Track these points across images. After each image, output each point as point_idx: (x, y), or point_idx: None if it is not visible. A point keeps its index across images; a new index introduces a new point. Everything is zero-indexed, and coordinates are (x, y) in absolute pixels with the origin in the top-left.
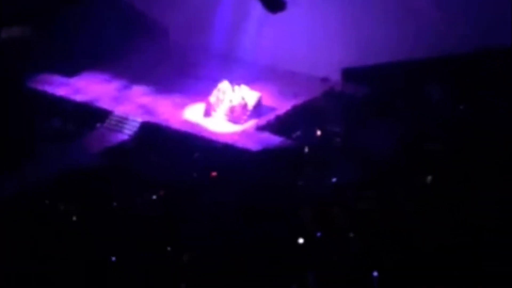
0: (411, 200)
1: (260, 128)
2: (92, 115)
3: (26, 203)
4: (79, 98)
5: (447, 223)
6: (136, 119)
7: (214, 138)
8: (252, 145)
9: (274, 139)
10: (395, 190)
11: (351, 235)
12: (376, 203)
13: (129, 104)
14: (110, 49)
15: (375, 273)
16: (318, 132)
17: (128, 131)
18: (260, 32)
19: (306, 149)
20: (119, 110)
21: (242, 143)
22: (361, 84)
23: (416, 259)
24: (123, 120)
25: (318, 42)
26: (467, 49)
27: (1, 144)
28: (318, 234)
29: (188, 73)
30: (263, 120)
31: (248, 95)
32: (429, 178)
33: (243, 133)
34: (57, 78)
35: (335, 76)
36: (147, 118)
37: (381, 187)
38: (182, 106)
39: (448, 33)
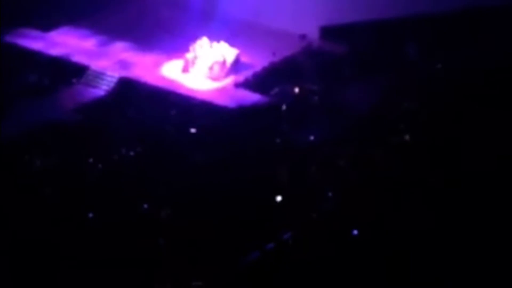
0: (388, 158)
1: (238, 85)
2: (68, 70)
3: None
4: (55, 52)
5: (422, 181)
6: (113, 75)
7: (191, 94)
8: (230, 102)
9: (251, 96)
10: (372, 148)
11: (329, 193)
12: (353, 160)
13: (106, 59)
14: (88, 4)
15: (355, 232)
16: (296, 89)
17: (105, 87)
18: None
19: (284, 107)
20: (95, 65)
21: (220, 100)
22: (339, 42)
23: (393, 217)
24: (99, 75)
25: None
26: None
27: None
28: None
29: (166, 29)
30: (241, 77)
31: (226, 51)
32: (407, 136)
33: (221, 90)
34: (33, 32)
35: (313, 33)
36: (124, 73)
37: (358, 144)
38: (160, 62)
39: None
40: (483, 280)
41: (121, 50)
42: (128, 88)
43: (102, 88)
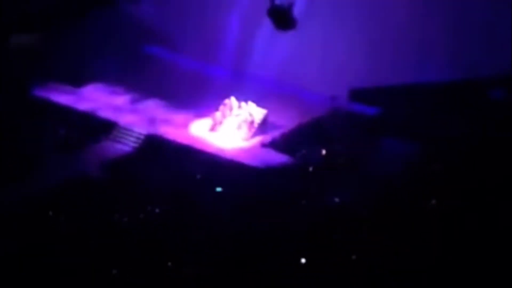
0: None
1: (265, 145)
2: (97, 126)
3: (29, 213)
4: (84, 107)
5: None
6: (141, 132)
7: (218, 153)
8: (257, 162)
9: (278, 157)
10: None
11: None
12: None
13: (135, 116)
14: (120, 63)
15: None
16: (324, 151)
17: (132, 143)
18: (269, 48)
19: (311, 168)
20: (124, 121)
21: (247, 160)
22: (368, 104)
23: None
24: (127, 132)
25: (326, 61)
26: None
27: (6, 152)
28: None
29: (196, 88)
30: (268, 137)
31: (254, 111)
32: (433, 201)
33: (248, 149)
34: (64, 87)
35: (343, 95)
36: (152, 131)
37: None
38: (188, 120)
39: (459, 60)
40: None
41: (150, 108)
42: (156, 146)
43: (130, 145)
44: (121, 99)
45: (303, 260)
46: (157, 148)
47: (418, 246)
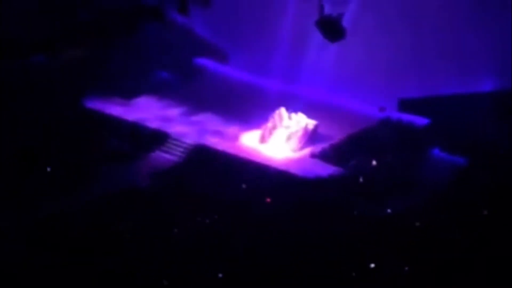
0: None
1: (314, 156)
2: (148, 136)
3: (82, 222)
4: (135, 118)
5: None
6: (192, 143)
7: (268, 164)
8: (306, 173)
9: (328, 168)
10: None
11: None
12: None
13: (186, 127)
14: (172, 74)
15: None
16: (374, 162)
17: (183, 154)
18: (319, 59)
19: (361, 179)
20: (175, 132)
21: (296, 170)
22: (418, 114)
23: None
24: (178, 142)
25: (375, 71)
26: None
27: (60, 163)
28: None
29: (246, 100)
30: (318, 148)
31: (304, 122)
32: (485, 212)
33: (298, 160)
34: (116, 99)
35: (392, 106)
36: (203, 142)
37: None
38: (239, 131)
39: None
40: None
41: (201, 119)
42: (206, 157)
43: (180, 156)
44: (173, 111)
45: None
46: (207, 159)
47: (471, 256)
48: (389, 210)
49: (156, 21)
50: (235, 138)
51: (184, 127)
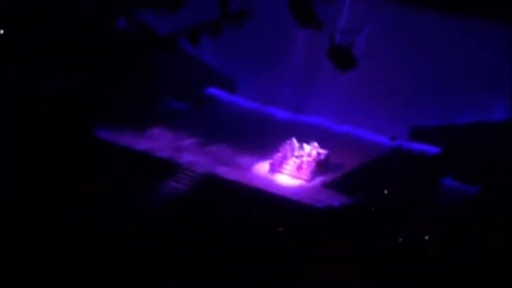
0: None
1: (326, 186)
2: (159, 166)
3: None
4: (147, 148)
5: None
6: (203, 172)
7: (280, 193)
8: (318, 202)
9: (340, 197)
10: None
11: None
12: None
13: (196, 157)
14: (183, 103)
15: None
16: (385, 191)
17: (194, 184)
18: (329, 89)
19: (373, 208)
20: (186, 162)
21: (308, 200)
22: (430, 143)
23: None
24: (189, 172)
25: (387, 100)
26: None
27: (72, 192)
28: None
29: (257, 129)
30: (329, 177)
31: (315, 151)
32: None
33: (310, 189)
34: (128, 129)
35: (404, 134)
36: (214, 171)
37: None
38: (250, 160)
39: None
40: None
41: (212, 149)
42: (217, 186)
43: (191, 185)
44: (183, 140)
45: None
46: (218, 189)
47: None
48: (400, 239)
49: (168, 50)
50: (247, 167)
51: (195, 157)
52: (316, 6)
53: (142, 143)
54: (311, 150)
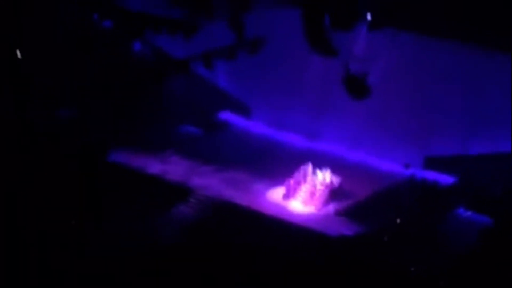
0: None
1: (339, 213)
2: (171, 190)
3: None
4: (160, 172)
5: None
6: (216, 197)
7: (292, 220)
8: (330, 230)
9: (353, 226)
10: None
11: None
12: None
13: (209, 182)
14: (196, 128)
15: None
16: (398, 220)
17: (206, 209)
18: (343, 116)
19: (386, 238)
20: (198, 187)
21: (320, 228)
22: (444, 173)
23: None
24: (202, 197)
25: (401, 128)
26: None
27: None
28: None
29: (270, 154)
30: (342, 205)
31: (328, 179)
32: None
33: (322, 217)
34: (141, 153)
35: (417, 163)
36: (227, 198)
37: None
38: (263, 186)
39: None
40: None
41: (224, 174)
42: (229, 212)
43: (203, 210)
44: (197, 165)
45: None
46: (231, 215)
47: None
48: (412, 269)
49: (183, 74)
50: (259, 193)
51: (207, 181)
52: (331, 34)
53: (154, 166)
54: (324, 177)
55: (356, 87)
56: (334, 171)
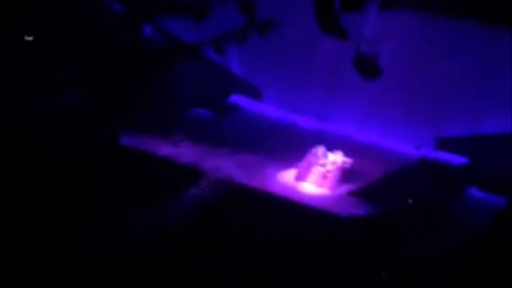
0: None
1: (351, 194)
2: (182, 172)
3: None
4: (170, 154)
5: None
6: (227, 180)
7: (304, 202)
8: (342, 211)
9: (364, 206)
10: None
11: None
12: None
13: (220, 164)
14: (207, 111)
15: None
16: (410, 201)
17: (217, 192)
18: (354, 97)
19: (397, 218)
20: (209, 169)
21: (332, 209)
22: (456, 153)
23: None
24: (212, 180)
25: (412, 108)
26: None
27: (93, 201)
28: None
29: (281, 137)
30: (354, 186)
31: (340, 160)
32: None
33: (334, 198)
34: (152, 136)
35: (429, 144)
36: (239, 180)
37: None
38: (275, 170)
39: None
40: None
41: (236, 157)
42: (241, 194)
43: (214, 193)
44: (207, 148)
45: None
46: (242, 197)
47: None
48: (424, 250)
49: (193, 58)
50: (271, 175)
51: (219, 164)
52: (342, 16)
53: (164, 149)
54: (335, 159)
55: (368, 67)
56: (346, 152)
